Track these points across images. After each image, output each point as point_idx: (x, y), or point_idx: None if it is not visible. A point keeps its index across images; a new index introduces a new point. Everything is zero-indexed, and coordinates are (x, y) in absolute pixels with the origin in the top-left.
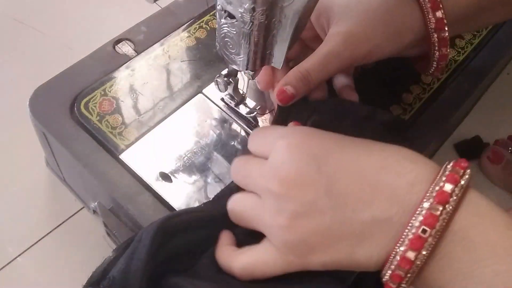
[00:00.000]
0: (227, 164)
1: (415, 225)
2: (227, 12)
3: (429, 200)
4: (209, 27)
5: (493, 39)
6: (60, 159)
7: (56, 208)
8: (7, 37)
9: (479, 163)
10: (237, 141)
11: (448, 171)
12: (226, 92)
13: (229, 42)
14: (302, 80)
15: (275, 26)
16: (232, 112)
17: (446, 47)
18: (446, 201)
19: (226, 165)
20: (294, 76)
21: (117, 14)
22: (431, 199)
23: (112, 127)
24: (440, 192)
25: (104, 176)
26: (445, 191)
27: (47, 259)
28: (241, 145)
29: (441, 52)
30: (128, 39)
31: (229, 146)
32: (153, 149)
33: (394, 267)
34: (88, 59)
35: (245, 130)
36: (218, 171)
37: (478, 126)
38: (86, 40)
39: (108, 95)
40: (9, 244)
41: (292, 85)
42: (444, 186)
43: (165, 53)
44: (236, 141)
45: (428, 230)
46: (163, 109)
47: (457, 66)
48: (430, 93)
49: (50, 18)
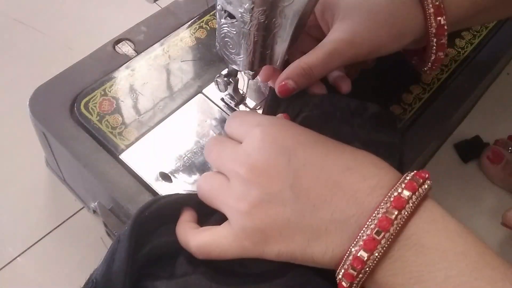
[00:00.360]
0: None
1: (370, 227)
2: (227, 12)
3: (386, 205)
4: (209, 27)
5: (493, 39)
6: (60, 159)
7: (56, 208)
8: (7, 37)
9: (479, 163)
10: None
11: (408, 179)
12: (226, 92)
13: (229, 42)
14: (304, 76)
15: (275, 26)
16: (232, 112)
17: (443, 51)
18: (402, 207)
19: None
20: (296, 71)
21: (117, 14)
22: (388, 203)
23: (112, 127)
24: (397, 198)
25: (104, 176)
26: (402, 197)
27: (47, 259)
28: None
29: (437, 56)
30: (128, 39)
31: None
32: (153, 149)
33: (347, 266)
34: (88, 59)
35: None
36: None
37: (478, 126)
38: (86, 40)
39: (108, 95)
40: (9, 244)
41: (294, 80)
42: (402, 193)
43: (165, 53)
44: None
45: (382, 233)
46: (163, 109)
47: (457, 66)
48: (430, 93)
49: (50, 18)
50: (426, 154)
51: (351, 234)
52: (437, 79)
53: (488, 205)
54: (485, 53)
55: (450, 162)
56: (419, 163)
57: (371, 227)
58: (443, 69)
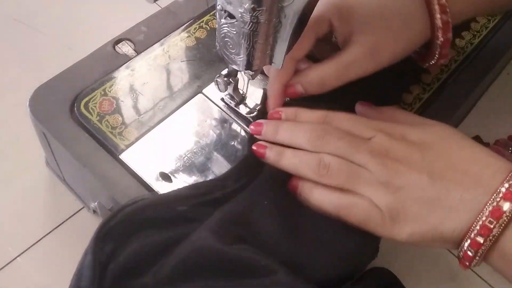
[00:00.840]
0: (227, 164)
1: (496, 199)
2: (227, 12)
3: (509, 182)
4: (209, 27)
5: (493, 39)
6: (60, 159)
7: (56, 208)
8: (7, 37)
9: None
10: (237, 141)
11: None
12: (226, 92)
13: (229, 42)
14: (316, 85)
15: (275, 26)
16: (232, 112)
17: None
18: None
19: (226, 165)
20: (310, 81)
21: (117, 14)
22: (509, 182)
23: (112, 127)
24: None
25: (104, 176)
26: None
27: (47, 259)
28: (241, 145)
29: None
30: (128, 39)
31: (229, 146)
32: (153, 149)
33: (474, 235)
34: (88, 59)
35: (245, 130)
36: (218, 171)
37: (478, 126)
38: (86, 40)
39: (108, 95)
40: (9, 244)
41: (305, 87)
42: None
43: (165, 53)
44: (236, 141)
45: (507, 203)
46: (163, 109)
47: (457, 66)
48: (430, 93)
49: (50, 18)
50: None
51: (477, 211)
52: (437, 79)
53: None
54: (485, 53)
55: None
56: None
57: (496, 200)
58: (443, 69)
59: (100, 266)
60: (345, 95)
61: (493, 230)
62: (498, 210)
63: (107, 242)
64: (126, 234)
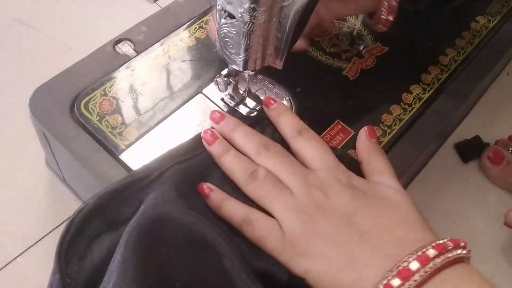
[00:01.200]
0: None
1: (409, 260)
2: (227, 12)
3: (425, 249)
4: (209, 27)
5: (493, 39)
6: (60, 159)
7: (56, 208)
8: (7, 37)
9: (479, 164)
10: None
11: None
12: (226, 92)
13: (229, 42)
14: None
15: (275, 26)
16: (232, 112)
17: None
18: (445, 250)
19: None
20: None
21: (117, 14)
22: (427, 248)
23: (112, 127)
24: (437, 245)
25: (104, 176)
26: (440, 244)
27: (47, 259)
28: None
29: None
30: (128, 39)
31: None
32: (153, 149)
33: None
34: (88, 59)
35: None
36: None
37: (478, 126)
38: (86, 40)
39: (108, 95)
40: (9, 244)
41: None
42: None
43: (165, 53)
44: None
45: (418, 265)
46: (163, 109)
47: (457, 66)
48: (430, 93)
49: (50, 18)
50: (426, 154)
51: (387, 269)
52: (437, 79)
53: (488, 205)
54: (485, 53)
55: (450, 162)
56: (419, 163)
57: (409, 260)
58: (443, 69)
59: (73, 282)
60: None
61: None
62: (408, 271)
63: (70, 257)
64: (85, 244)
